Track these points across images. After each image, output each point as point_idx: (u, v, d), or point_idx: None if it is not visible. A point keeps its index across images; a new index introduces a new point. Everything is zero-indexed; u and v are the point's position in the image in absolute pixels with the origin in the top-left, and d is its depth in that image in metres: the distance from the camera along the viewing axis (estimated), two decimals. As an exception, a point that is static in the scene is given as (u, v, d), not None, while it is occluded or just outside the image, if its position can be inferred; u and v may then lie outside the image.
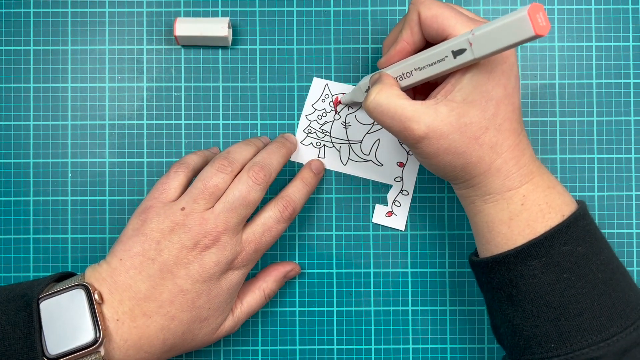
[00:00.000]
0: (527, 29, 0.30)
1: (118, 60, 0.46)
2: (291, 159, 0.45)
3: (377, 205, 0.45)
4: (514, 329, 0.35)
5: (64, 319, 0.34)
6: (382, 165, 0.45)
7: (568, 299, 0.33)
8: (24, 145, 0.45)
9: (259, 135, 0.46)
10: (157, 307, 0.36)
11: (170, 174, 0.40)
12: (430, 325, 0.45)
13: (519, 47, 0.46)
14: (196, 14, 0.46)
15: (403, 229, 0.45)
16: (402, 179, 0.45)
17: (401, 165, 0.45)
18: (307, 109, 0.45)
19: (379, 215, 0.45)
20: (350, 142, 0.45)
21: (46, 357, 0.33)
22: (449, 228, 0.46)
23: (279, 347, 0.45)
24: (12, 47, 0.46)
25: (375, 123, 0.45)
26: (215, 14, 0.46)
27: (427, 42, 0.37)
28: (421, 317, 0.45)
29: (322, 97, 0.45)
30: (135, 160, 0.45)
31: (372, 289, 0.45)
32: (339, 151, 0.45)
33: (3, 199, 0.45)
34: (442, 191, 0.46)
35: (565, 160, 0.45)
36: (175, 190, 0.39)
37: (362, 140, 0.45)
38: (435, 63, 0.35)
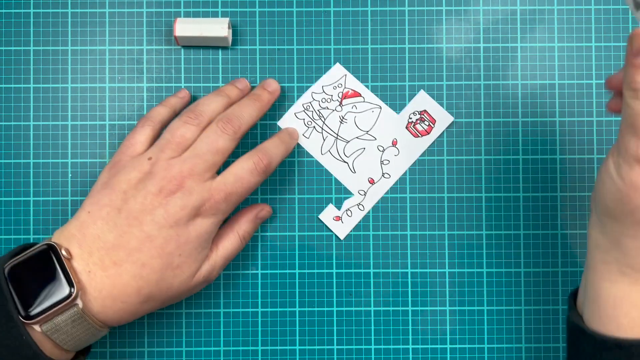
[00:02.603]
0: None
1: (118, 60, 0.46)
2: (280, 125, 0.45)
3: (330, 205, 0.45)
4: None
5: (36, 281, 0.35)
6: (355, 172, 0.45)
7: None
8: (24, 145, 0.45)
9: (258, 135, 0.46)
10: (126, 255, 0.36)
11: (137, 129, 0.41)
12: (430, 326, 0.45)
13: (519, 46, 0.46)
14: (196, 14, 0.46)
15: (342, 238, 0.45)
16: (365, 194, 0.45)
17: (371, 181, 0.45)
18: (316, 87, 0.45)
19: (328, 214, 0.45)
20: (338, 137, 0.45)
21: (25, 319, 0.34)
22: (449, 228, 0.46)
23: (279, 347, 0.45)
24: (12, 47, 0.46)
25: (369, 132, 0.45)
26: (215, 14, 0.46)
27: None
28: (421, 317, 0.45)
29: (336, 84, 0.45)
30: (135, 160, 0.45)
31: (372, 289, 0.45)
32: (324, 140, 0.45)
33: (3, 199, 0.45)
34: (442, 191, 0.46)
35: (565, 161, 0.45)
36: (142, 144, 0.40)
37: (349, 141, 0.45)
38: None
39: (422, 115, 0.45)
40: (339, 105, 0.45)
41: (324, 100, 0.45)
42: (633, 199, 0.31)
